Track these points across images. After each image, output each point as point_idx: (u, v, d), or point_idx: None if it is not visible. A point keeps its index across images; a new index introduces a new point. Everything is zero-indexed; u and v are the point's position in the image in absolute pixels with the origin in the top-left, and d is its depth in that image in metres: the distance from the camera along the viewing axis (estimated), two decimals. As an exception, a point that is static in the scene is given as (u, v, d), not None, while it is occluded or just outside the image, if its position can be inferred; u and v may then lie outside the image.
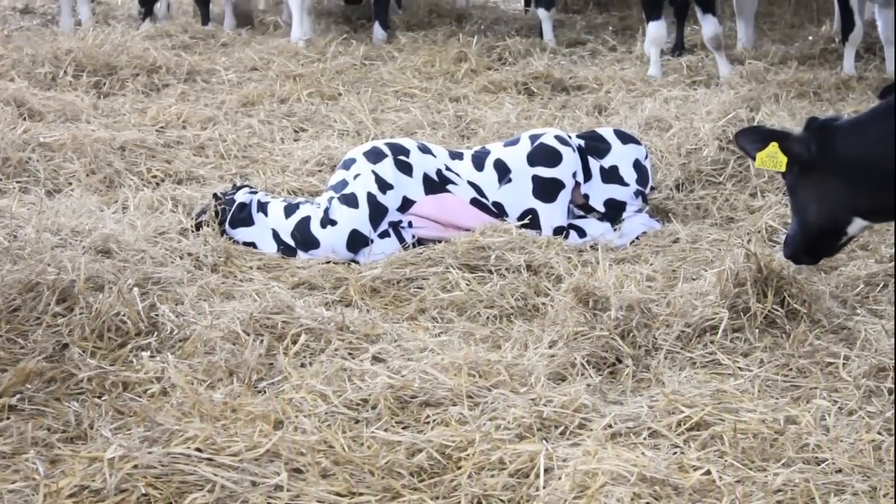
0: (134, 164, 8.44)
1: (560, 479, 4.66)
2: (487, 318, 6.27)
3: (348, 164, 7.38)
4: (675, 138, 8.49)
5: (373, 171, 7.23)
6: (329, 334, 5.90)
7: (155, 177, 8.31)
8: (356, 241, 7.12)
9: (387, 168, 7.23)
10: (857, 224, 5.74)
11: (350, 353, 5.74)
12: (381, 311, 6.34)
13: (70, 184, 8.07)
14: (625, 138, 7.59)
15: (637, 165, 7.45)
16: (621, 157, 7.48)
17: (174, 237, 7.05)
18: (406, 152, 7.36)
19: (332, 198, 7.25)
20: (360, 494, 4.68)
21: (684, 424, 5.18)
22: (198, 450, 4.81)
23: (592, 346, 5.83)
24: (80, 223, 7.01)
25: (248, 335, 5.81)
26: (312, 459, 4.82)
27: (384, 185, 7.19)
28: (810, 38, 12.32)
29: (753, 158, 6.07)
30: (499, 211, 7.31)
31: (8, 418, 5.28)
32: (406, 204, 7.24)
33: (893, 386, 5.38)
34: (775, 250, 6.84)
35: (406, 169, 7.27)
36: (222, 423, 5.06)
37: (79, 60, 10.66)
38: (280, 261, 6.91)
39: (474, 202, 7.31)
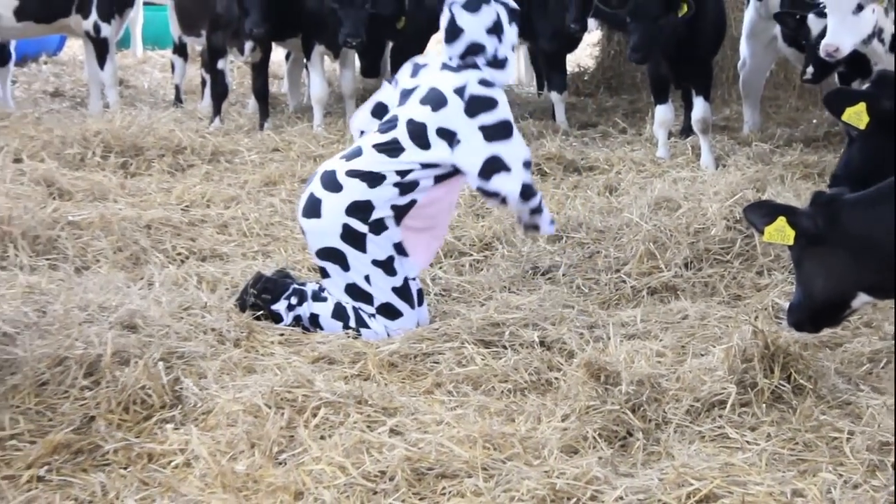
0: (159, 242, 8.48)
1: (573, 550, 4.66)
2: (502, 392, 6.26)
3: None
4: (684, 218, 8.51)
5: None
6: (348, 407, 5.89)
7: (180, 254, 8.34)
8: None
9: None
10: (862, 298, 5.74)
11: (368, 426, 5.73)
12: (399, 384, 6.33)
13: (98, 261, 8.09)
14: None
15: None
16: None
17: (198, 313, 7.06)
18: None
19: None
20: (378, 564, 4.70)
21: (694, 497, 5.16)
22: (220, 521, 4.83)
23: (604, 419, 5.82)
24: (107, 299, 7.03)
25: (270, 408, 5.81)
26: (332, 530, 4.84)
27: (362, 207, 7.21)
28: (814, 121, 12.35)
29: (762, 233, 6.10)
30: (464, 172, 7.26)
31: (36, 489, 5.30)
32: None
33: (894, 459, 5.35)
34: (782, 327, 6.83)
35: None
36: (244, 493, 5.07)
37: (107, 141, 10.71)
38: (300, 336, 6.91)
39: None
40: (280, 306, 7.21)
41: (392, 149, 7.10)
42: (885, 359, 6.32)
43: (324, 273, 7.30)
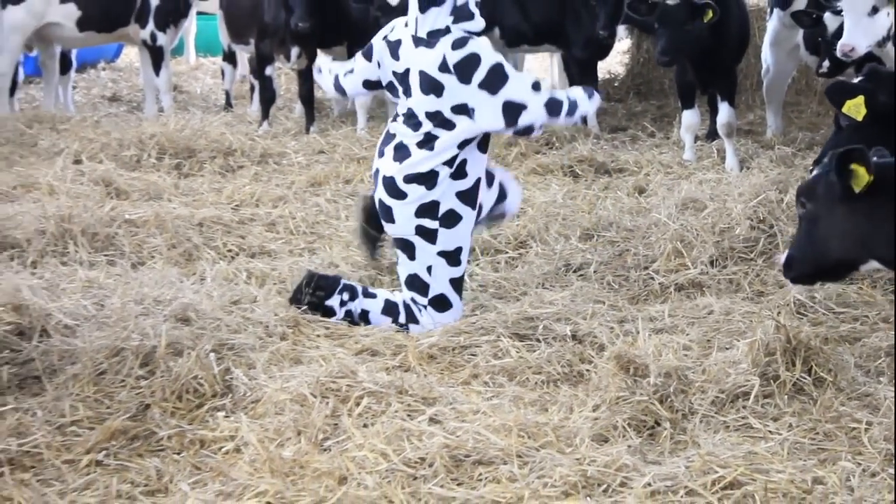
0: (211, 239, 8.50)
1: (603, 533, 4.66)
2: (535, 383, 6.25)
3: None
4: (710, 218, 8.48)
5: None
6: (389, 397, 5.89)
7: (230, 251, 8.36)
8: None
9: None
10: (872, 265, 5.69)
11: (409, 415, 5.73)
12: (438, 375, 6.33)
13: (153, 257, 8.13)
14: None
15: None
16: None
17: (247, 306, 7.08)
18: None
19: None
20: (418, 546, 4.70)
21: (718, 484, 5.15)
22: (269, 503, 4.84)
23: (633, 410, 5.81)
24: (161, 293, 7.06)
25: (315, 398, 5.82)
26: (374, 513, 4.84)
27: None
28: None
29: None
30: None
31: (95, 472, 5.32)
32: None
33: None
34: (803, 322, 6.82)
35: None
36: (291, 478, 5.08)
37: (161, 144, 10.75)
38: (345, 329, 6.92)
39: None
40: (333, 302, 7.20)
41: (428, 141, 7.08)
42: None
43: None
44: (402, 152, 7.17)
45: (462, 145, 7.13)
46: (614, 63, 14.67)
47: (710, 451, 5.40)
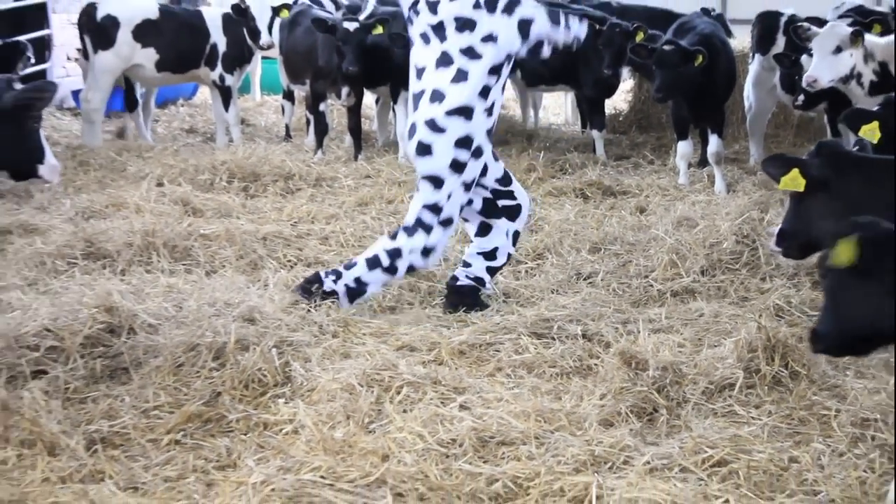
0: (273, 251, 8.53)
1: (609, 503, 4.66)
2: (551, 375, 6.26)
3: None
4: (701, 234, 8.48)
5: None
6: (425, 387, 5.90)
7: (290, 261, 8.39)
8: None
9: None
10: None
11: (442, 402, 5.74)
12: (466, 368, 6.33)
13: (223, 266, 8.15)
14: None
15: None
16: None
17: (304, 308, 7.09)
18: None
19: None
20: (450, 514, 4.71)
21: (708, 462, 5.16)
22: (322, 477, 4.85)
23: (634, 398, 5.81)
24: (230, 297, 7.07)
25: (362, 387, 5.83)
26: (412, 486, 4.84)
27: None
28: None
29: (779, 181, 6.10)
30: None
31: (174, 450, 5.36)
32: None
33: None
34: (781, 323, 6.81)
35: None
36: (341, 456, 5.09)
37: (231, 169, 10.80)
38: (387, 328, 6.91)
39: None
40: (328, 284, 7.26)
41: (462, 75, 7.08)
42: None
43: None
44: (438, 95, 7.16)
45: (491, 73, 7.14)
46: (619, 100, 14.65)
47: (701, 434, 5.41)
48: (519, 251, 8.37)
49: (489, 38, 7.08)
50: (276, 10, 12.81)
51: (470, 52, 7.10)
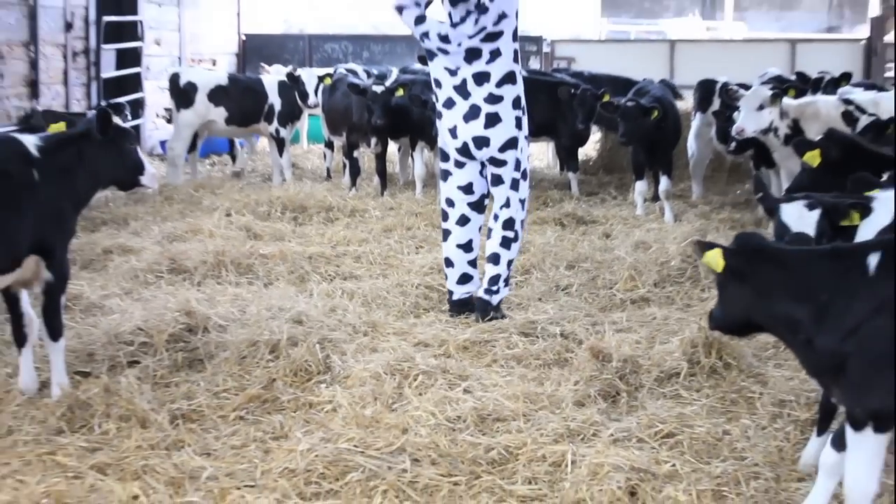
0: (317, 267, 8.53)
1: (581, 468, 4.67)
2: (536, 365, 6.25)
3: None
4: (654, 254, 8.48)
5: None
6: (436, 375, 5.92)
7: (330, 275, 8.39)
8: None
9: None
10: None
11: (449, 387, 5.76)
12: (469, 360, 6.34)
13: (277, 279, 8.17)
14: None
15: None
16: None
17: (341, 313, 7.09)
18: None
19: None
20: (455, 476, 4.71)
21: (659, 434, 5.18)
22: (355, 446, 4.87)
23: (601, 384, 5.83)
24: (283, 304, 7.10)
25: (386, 375, 5.85)
26: (426, 453, 4.86)
27: None
28: (738, 192, 12.25)
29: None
30: None
31: (238, 424, 5.38)
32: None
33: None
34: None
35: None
36: (370, 429, 5.11)
37: (284, 203, 10.81)
38: (406, 328, 6.91)
39: None
40: (494, 299, 7.19)
41: (493, 55, 6.93)
42: (782, 345, 6.25)
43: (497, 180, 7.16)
44: (481, 78, 6.93)
45: (514, 37, 6.97)
46: (589, 149, 14.63)
47: (653, 412, 5.44)
48: (512, 269, 8.36)
49: (502, 16, 6.87)
50: (320, 78, 12.84)
51: (490, 36, 6.90)
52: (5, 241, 5.20)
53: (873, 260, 3.87)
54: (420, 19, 7.00)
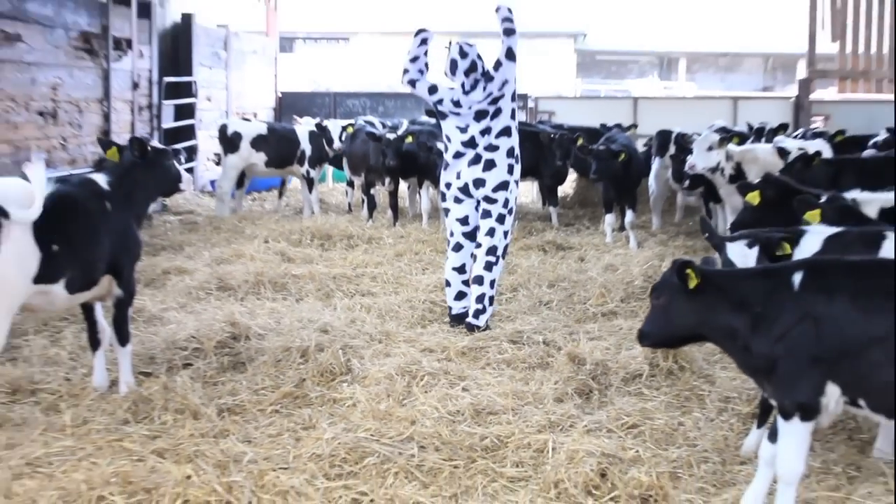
0: (340, 286, 8.54)
1: (560, 453, 4.66)
2: (522, 368, 6.26)
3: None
4: (621, 275, 8.50)
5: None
6: (439, 376, 5.92)
7: (351, 292, 8.39)
8: None
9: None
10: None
11: (450, 386, 5.76)
12: (467, 364, 6.33)
13: (307, 295, 8.17)
14: None
15: None
16: None
17: (360, 324, 7.10)
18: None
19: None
20: (455, 460, 4.70)
21: (625, 425, 5.18)
22: (371, 435, 4.87)
23: (577, 384, 5.82)
24: (311, 316, 7.11)
25: (397, 376, 5.85)
26: (430, 441, 4.86)
27: None
28: (691, 223, 12.27)
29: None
30: None
31: (274, 416, 5.38)
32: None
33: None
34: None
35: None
36: (384, 421, 5.11)
37: (313, 232, 10.82)
38: (414, 337, 6.90)
39: None
40: (482, 321, 7.11)
41: (496, 113, 6.99)
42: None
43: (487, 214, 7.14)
44: (484, 132, 6.99)
45: (513, 97, 7.01)
46: (567, 188, 14.68)
47: (621, 407, 5.43)
48: (501, 287, 8.39)
49: (504, 84, 6.99)
50: (343, 128, 12.91)
51: (496, 100, 7.01)
52: (88, 266, 5.23)
53: (797, 278, 3.90)
54: (433, 89, 7.03)
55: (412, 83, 7.08)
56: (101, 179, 5.53)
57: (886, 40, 17.82)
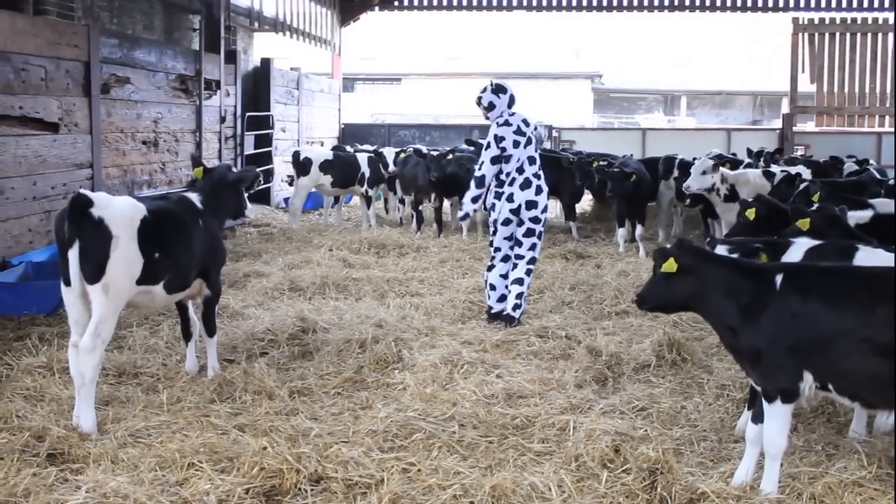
0: (393, 287, 8.52)
1: (579, 432, 4.60)
2: (548, 358, 6.20)
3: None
4: (632, 279, 8.42)
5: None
6: (477, 365, 5.88)
7: (402, 293, 8.38)
8: None
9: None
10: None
11: (486, 373, 5.72)
12: (500, 354, 6.29)
13: (365, 295, 8.17)
14: None
15: None
16: None
17: (409, 320, 7.08)
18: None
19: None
20: (490, 436, 4.66)
21: (635, 408, 5.10)
22: (419, 415, 4.84)
23: (594, 372, 5.75)
24: (369, 313, 7.11)
25: (442, 364, 5.82)
26: (469, 420, 4.82)
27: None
28: (691, 235, 12.12)
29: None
30: None
31: (336, 397, 5.36)
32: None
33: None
34: (677, 330, 6.68)
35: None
36: (430, 402, 5.08)
37: (369, 242, 10.82)
38: (456, 331, 6.86)
39: None
40: (517, 314, 7.09)
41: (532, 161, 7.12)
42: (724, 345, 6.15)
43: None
44: (533, 164, 7.11)
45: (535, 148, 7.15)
46: (585, 205, 14.58)
47: (632, 393, 5.35)
48: (532, 289, 8.30)
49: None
50: (397, 153, 12.95)
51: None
52: (185, 271, 5.27)
53: (779, 279, 3.88)
54: (480, 183, 7.13)
55: (475, 200, 7.20)
56: (195, 198, 5.57)
57: (857, 81, 18.72)
